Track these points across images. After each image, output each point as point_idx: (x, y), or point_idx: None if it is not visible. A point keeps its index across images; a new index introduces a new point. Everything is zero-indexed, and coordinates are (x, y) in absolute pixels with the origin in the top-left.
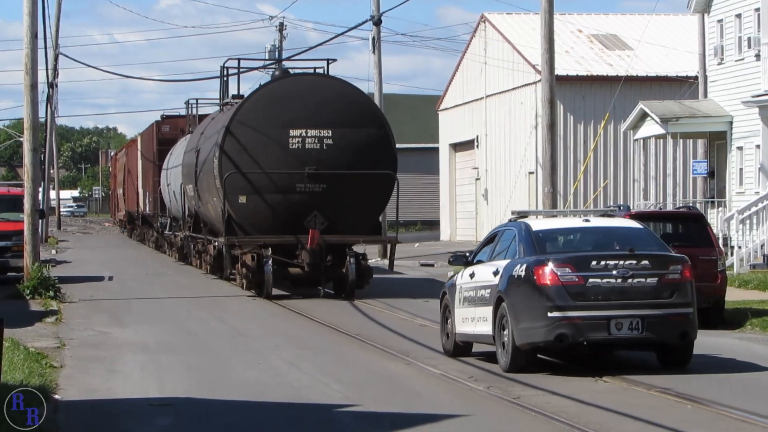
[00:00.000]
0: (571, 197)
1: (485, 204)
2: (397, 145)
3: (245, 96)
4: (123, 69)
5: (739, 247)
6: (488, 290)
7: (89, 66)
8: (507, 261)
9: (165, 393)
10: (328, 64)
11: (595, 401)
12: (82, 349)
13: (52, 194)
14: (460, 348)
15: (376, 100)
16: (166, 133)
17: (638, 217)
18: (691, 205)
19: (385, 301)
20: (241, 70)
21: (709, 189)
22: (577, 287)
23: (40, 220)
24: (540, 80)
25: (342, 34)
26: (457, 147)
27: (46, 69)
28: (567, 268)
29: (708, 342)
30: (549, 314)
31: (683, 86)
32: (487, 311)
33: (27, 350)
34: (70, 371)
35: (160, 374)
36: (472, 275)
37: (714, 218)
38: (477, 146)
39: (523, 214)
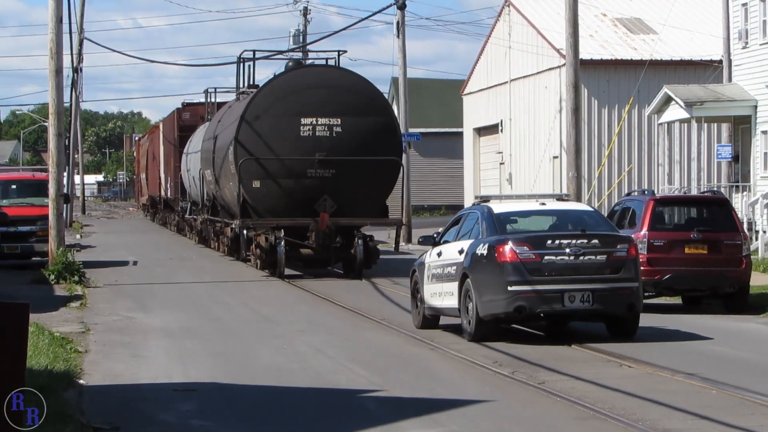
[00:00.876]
0: (595, 182)
1: (509, 188)
2: (422, 130)
3: (260, 86)
4: (146, 54)
5: (764, 232)
6: (454, 267)
7: (114, 51)
8: (471, 241)
9: (189, 378)
10: (339, 55)
11: (620, 386)
12: (107, 334)
13: (77, 179)
14: (428, 321)
15: (401, 85)
16: (186, 120)
17: (663, 201)
18: (715, 189)
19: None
20: (257, 59)
21: (733, 173)
22: (534, 264)
23: (65, 205)
24: (564, 64)
25: (366, 18)
26: (481, 131)
27: (71, 54)
28: (525, 247)
29: (732, 327)
30: (509, 288)
31: (707, 70)
32: (454, 286)
33: (52, 335)
34: (95, 356)
35: (184, 359)
36: (439, 254)
37: (738, 203)
38: (501, 131)
39: (486, 198)
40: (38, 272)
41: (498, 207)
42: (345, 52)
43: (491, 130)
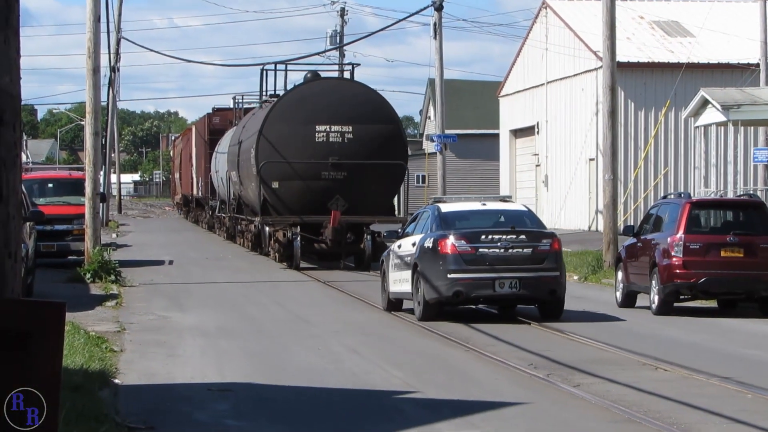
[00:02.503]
0: (631, 184)
1: (545, 190)
2: (458, 131)
3: (279, 96)
4: (183, 53)
5: None
6: (408, 257)
7: (150, 50)
8: (422, 235)
9: (224, 378)
10: (353, 68)
11: (655, 390)
12: (142, 333)
13: (113, 178)
14: (393, 304)
15: (437, 86)
16: (216, 124)
17: (699, 204)
18: (751, 192)
19: None
20: (278, 71)
21: None
22: (470, 255)
23: (101, 204)
24: (601, 67)
25: (403, 19)
26: (518, 133)
27: (108, 53)
28: (463, 241)
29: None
30: (448, 276)
31: (744, 73)
32: (408, 274)
33: (87, 334)
34: (130, 355)
35: (219, 359)
36: (399, 246)
37: None
38: (537, 132)
39: (439, 199)
40: (74, 271)
41: (445, 207)
42: (358, 65)
43: (527, 132)
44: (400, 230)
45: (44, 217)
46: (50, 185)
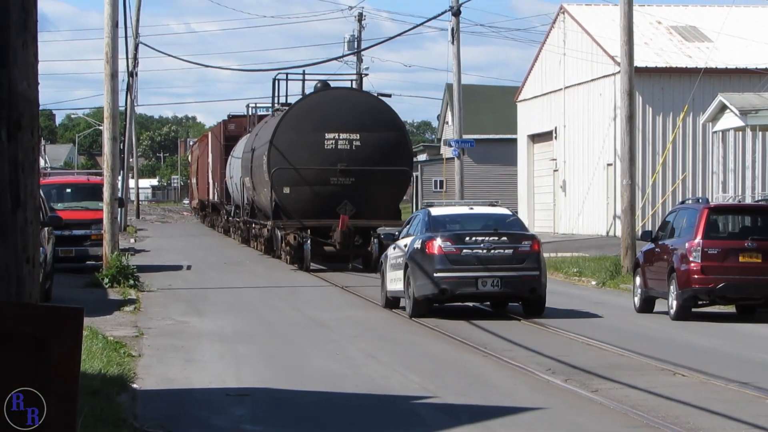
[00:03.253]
0: (649, 189)
1: (563, 196)
2: (475, 136)
3: (291, 104)
4: (200, 58)
5: None
6: (401, 258)
7: (169, 55)
8: (413, 237)
9: (242, 383)
10: (361, 78)
11: (673, 395)
12: (160, 338)
13: (131, 183)
14: (390, 302)
15: (455, 91)
16: (231, 131)
17: (717, 210)
18: None
19: None
20: (289, 80)
21: None
22: (455, 256)
23: (119, 209)
24: (619, 72)
25: (421, 24)
26: (536, 138)
27: (126, 58)
28: (448, 242)
29: None
30: (435, 275)
31: (763, 78)
32: (401, 274)
33: (105, 339)
34: (148, 360)
35: (237, 364)
36: (395, 247)
37: None
38: (555, 137)
39: (430, 204)
40: (92, 276)
41: (435, 211)
42: (366, 75)
43: (545, 136)
44: (397, 234)
45: (62, 222)
46: (68, 190)
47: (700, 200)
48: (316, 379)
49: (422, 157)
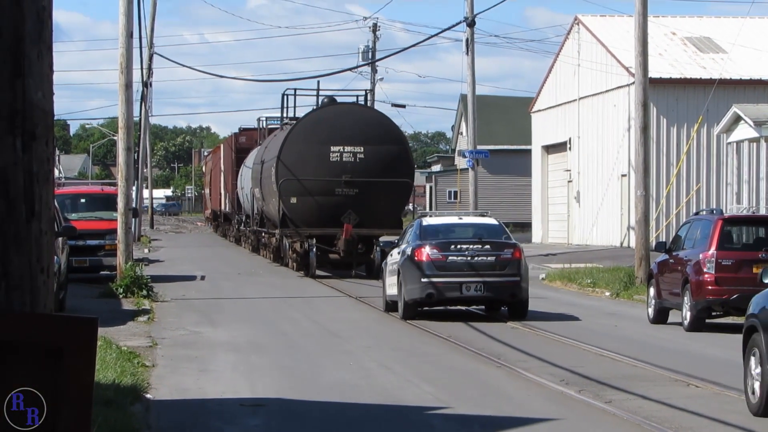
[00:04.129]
0: (663, 200)
1: (577, 206)
2: (490, 147)
3: (299, 118)
4: (214, 69)
5: None
6: (396, 265)
7: (183, 65)
8: (405, 245)
9: (256, 393)
10: (366, 94)
11: (686, 406)
12: (174, 348)
13: (146, 193)
14: (390, 306)
15: (469, 102)
16: (242, 143)
17: (731, 221)
18: None
19: None
20: (297, 95)
21: None
22: (441, 262)
23: (133, 219)
24: (633, 83)
25: (436, 35)
26: (550, 149)
27: (141, 68)
28: (435, 250)
29: None
30: (422, 280)
31: None
32: (396, 279)
33: (119, 349)
34: (162, 370)
35: (251, 374)
36: (392, 255)
37: None
38: (569, 148)
39: (424, 214)
40: (106, 286)
41: (427, 221)
42: (371, 90)
43: (560, 147)
44: (395, 242)
45: (76, 232)
46: (82, 200)
47: (714, 211)
48: (330, 390)
49: (436, 167)
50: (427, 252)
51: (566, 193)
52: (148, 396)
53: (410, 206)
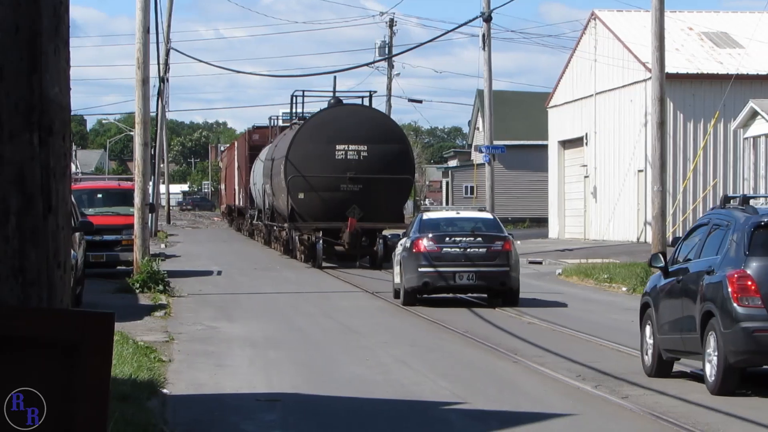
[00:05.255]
0: (680, 196)
1: (594, 202)
2: (506, 142)
3: (306, 119)
4: (229, 64)
5: None
6: (399, 256)
7: (200, 61)
8: (406, 238)
9: (272, 388)
10: (370, 95)
11: (703, 402)
12: (191, 343)
13: (162, 188)
14: (397, 293)
15: (486, 97)
16: (255, 141)
17: None
18: None
19: None
20: (306, 97)
21: None
22: (436, 253)
23: (150, 215)
24: (650, 78)
25: (453, 30)
26: (566, 144)
27: (158, 63)
28: (431, 242)
29: None
30: (419, 269)
31: None
32: (399, 269)
33: (136, 344)
34: (179, 365)
35: (267, 369)
36: (398, 246)
37: None
38: (586, 144)
39: (426, 209)
40: (123, 281)
41: (427, 215)
42: (375, 92)
43: (576, 143)
44: (402, 233)
45: (93, 228)
46: (99, 195)
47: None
48: (346, 385)
49: (453, 162)
50: (424, 244)
51: (583, 188)
52: (164, 391)
53: (427, 201)
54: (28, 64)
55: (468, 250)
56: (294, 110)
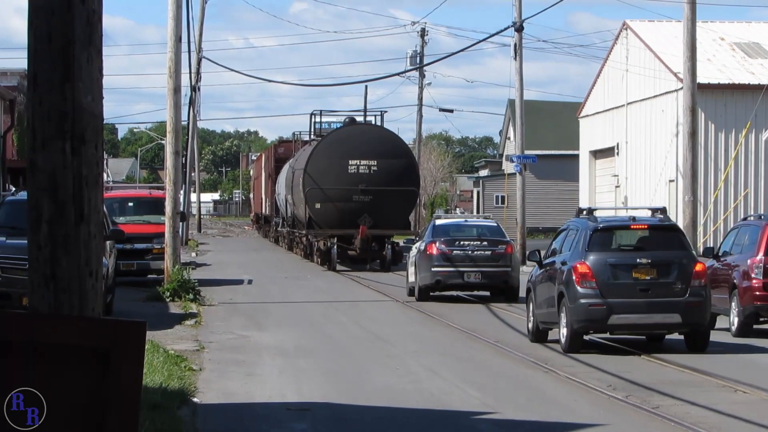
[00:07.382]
0: (711, 206)
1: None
2: (537, 152)
3: (323, 136)
4: (260, 73)
5: None
6: (414, 257)
7: (231, 70)
8: (420, 242)
9: (302, 397)
10: (382, 115)
11: (734, 412)
12: (221, 352)
13: (193, 197)
14: (411, 291)
15: (517, 107)
16: (280, 154)
17: None
18: None
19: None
20: (323, 114)
21: None
22: (447, 255)
23: (181, 223)
24: (681, 88)
25: (484, 40)
26: (597, 154)
27: (189, 72)
28: (443, 245)
29: None
30: (432, 269)
31: None
32: (414, 269)
33: (166, 353)
34: (209, 374)
35: (297, 378)
36: (412, 249)
37: None
38: (617, 154)
39: (438, 216)
40: (154, 289)
41: (439, 221)
42: (386, 112)
43: (607, 153)
44: (416, 237)
45: (124, 236)
46: (130, 204)
47: (762, 217)
48: (377, 395)
49: (484, 172)
50: (436, 247)
51: (614, 198)
52: (195, 400)
53: (458, 211)
54: (61, 72)
55: (475, 252)
56: (312, 127)
